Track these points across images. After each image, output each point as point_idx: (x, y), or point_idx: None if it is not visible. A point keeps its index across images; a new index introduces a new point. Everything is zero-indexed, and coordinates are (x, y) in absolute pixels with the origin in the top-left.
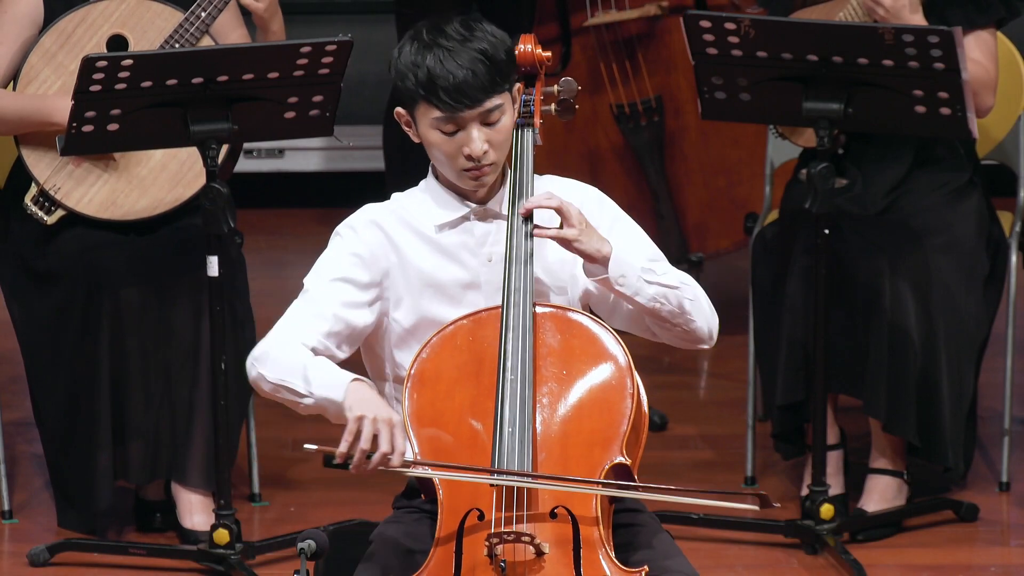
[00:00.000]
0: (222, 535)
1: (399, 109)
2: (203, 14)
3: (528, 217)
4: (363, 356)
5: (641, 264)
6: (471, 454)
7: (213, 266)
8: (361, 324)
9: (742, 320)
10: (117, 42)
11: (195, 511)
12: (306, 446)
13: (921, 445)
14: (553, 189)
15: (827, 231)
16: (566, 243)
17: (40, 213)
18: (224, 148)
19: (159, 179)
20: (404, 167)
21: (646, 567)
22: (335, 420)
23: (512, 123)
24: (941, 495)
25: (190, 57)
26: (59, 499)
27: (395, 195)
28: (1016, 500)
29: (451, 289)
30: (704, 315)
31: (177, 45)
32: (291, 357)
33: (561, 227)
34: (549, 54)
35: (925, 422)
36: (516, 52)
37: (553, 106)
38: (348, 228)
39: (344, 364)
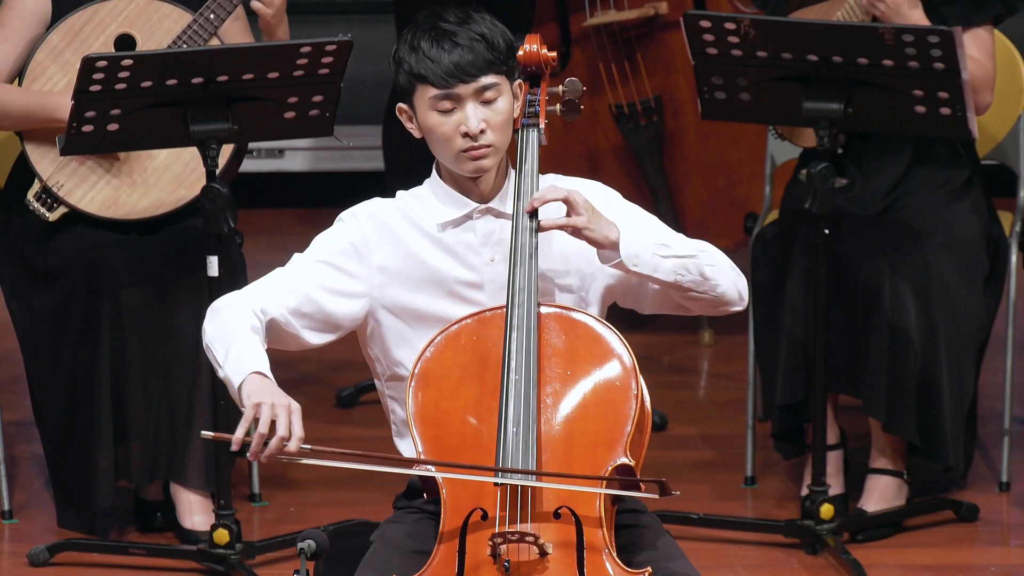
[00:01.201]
0: (222, 535)
1: (400, 105)
2: (211, 16)
3: (533, 214)
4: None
5: (653, 240)
6: (475, 453)
7: (213, 266)
8: (338, 312)
9: (742, 320)
10: (125, 41)
11: (195, 511)
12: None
13: (921, 445)
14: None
15: (827, 231)
16: (575, 231)
17: (42, 210)
18: (228, 149)
19: (162, 179)
20: (404, 171)
21: (649, 568)
22: (236, 401)
23: (510, 109)
24: (941, 495)
25: (190, 57)
26: (59, 499)
27: (400, 193)
28: (1016, 500)
29: (454, 287)
30: (728, 278)
31: (185, 46)
32: (233, 324)
33: (568, 216)
34: (555, 54)
35: (925, 422)
36: (522, 52)
37: (558, 106)
38: (351, 215)
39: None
